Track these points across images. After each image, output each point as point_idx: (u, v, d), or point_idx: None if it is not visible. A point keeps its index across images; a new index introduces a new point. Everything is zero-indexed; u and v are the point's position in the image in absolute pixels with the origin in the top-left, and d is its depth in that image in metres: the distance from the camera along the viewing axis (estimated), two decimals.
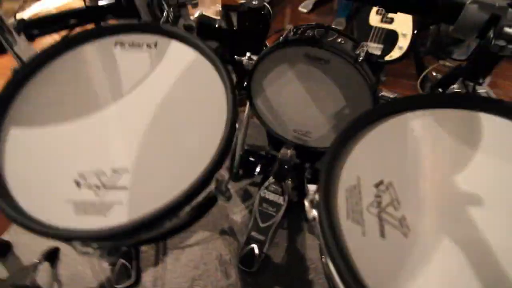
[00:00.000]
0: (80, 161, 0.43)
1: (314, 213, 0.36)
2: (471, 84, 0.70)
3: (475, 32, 0.61)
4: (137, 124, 0.46)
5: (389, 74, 1.93)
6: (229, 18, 1.22)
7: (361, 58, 0.74)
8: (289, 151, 1.09)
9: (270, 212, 1.12)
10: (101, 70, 0.53)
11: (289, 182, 1.17)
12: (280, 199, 1.14)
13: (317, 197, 0.36)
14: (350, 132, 0.40)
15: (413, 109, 0.43)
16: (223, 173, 0.42)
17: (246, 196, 1.33)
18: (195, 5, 0.85)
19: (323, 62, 0.80)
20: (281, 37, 0.86)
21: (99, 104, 0.49)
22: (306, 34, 0.83)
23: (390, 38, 1.65)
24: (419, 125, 0.42)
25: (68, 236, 0.39)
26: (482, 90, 0.69)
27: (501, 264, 0.30)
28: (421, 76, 1.83)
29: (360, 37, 1.70)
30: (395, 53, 1.73)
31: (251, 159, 1.33)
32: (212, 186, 0.43)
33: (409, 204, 0.35)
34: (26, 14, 0.87)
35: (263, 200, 1.14)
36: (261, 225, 1.11)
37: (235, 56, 1.06)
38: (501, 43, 0.60)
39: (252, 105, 1.02)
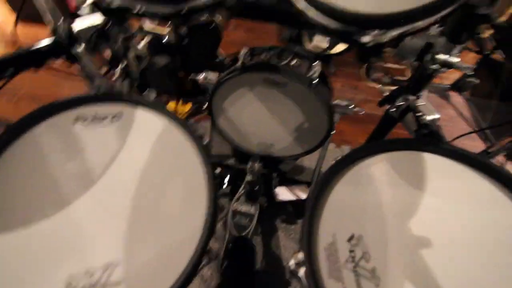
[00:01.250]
0: (65, 264, 0.39)
1: (301, 272, 0.40)
2: (412, 98, 0.79)
3: (413, 56, 0.68)
4: (116, 210, 0.43)
5: (337, 64, 2.04)
6: (178, 33, 1.18)
7: (315, 82, 0.78)
8: (256, 164, 1.12)
9: (244, 224, 1.16)
10: (64, 155, 0.47)
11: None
12: (252, 209, 1.18)
13: (300, 256, 0.40)
14: (320, 191, 0.44)
15: (370, 155, 0.48)
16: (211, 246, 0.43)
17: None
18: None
19: (280, 85, 0.83)
20: (238, 61, 0.87)
21: (70, 195, 0.44)
22: (262, 56, 0.85)
23: None
24: (377, 172, 0.48)
25: None
26: (420, 103, 0.79)
27: None
28: (365, 66, 1.96)
29: None
30: (341, 46, 1.82)
31: (219, 171, 1.35)
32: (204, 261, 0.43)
33: (377, 255, 0.40)
34: None
35: (236, 212, 1.17)
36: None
37: (191, 74, 1.04)
38: (435, 67, 0.68)
39: (215, 124, 1.02)
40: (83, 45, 0.41)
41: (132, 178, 0.45)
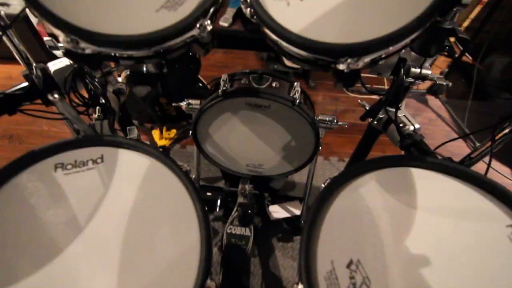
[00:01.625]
0: None
1: None
2: (391, 110, 0.82)
3: (388, 71, 0.71)
4: (108, 258, 0.41)
5: (315, 78, 2.08)
6: (157, 63, 1.18)
7: (298, 101, 0.80)
8: (247, 186, 1.12)
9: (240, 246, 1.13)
10: (48, 205, 0.44)
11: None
12: (246, 231, 1.17)
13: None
14: (313, 221, 0.44)
15: (357, 176, 0.49)
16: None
17: (213, 233, 1.32)
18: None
19: (263, 107, 0.84)
20: (219, 87, 0.87)
21: (59, 246, 0.42)
22: (242, 81, 0.86)
23: None
24: (367, 193, 0.48)
25: None
26: (401, 114, 0.81)
27: None
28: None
29: None
30: None
31: (209, 194, 1.33)
32: None
33: (377, 279, 0.40)
34: None
35: (231, 236, 1.15)
36: None
37: (173, 104, 1.04)
38: (410, 79, 0.71)
39: (201, 150, 1.01)
40: (55, 94, 0.40)
41: (121, 224, 0.43)
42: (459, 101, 1.88)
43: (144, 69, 1.21)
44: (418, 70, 0.69)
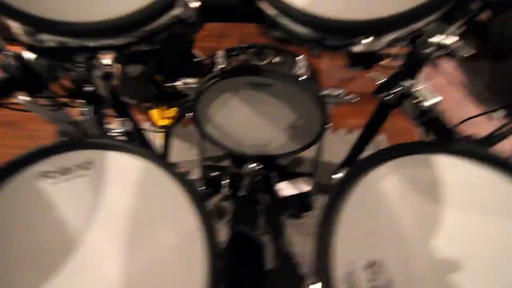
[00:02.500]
0: None
1: None
2: (408, 83, 0.74)
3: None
4: (108, 272, 0.38)
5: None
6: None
7: (302, 77, 0.72)
8: (252, 166, 1.08)
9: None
10: (37, 219, 0.40)
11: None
12: (255, 209, 1.15)
13: None
14: (328, 218, 0.39)
15: (376, 165, 0.44)
16: None
17: (221, 213, 1.32)
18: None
19: (265, 86, 0.77)
20: (215, 65, 0.80)
21: (55, 261, 0.39)
22: (241, 57, 0.78)
23: None
24: (386, 186, 0.43)
25: None
26: (418, 87, 0.73)
27: None
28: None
29: None
30: None
31: (215, 174, 1.30)
32: None
33: (402, 281, 0.36)
34: None
35: (239, 217, 1.14)
36: None
37: (167, 85, 0.97)
38: (429, 50, 0.62)
39: (203, 133, 0.96)
40: (23, 95, 0.34)
41: (119, 234, 0.39)
42: (475, 63, 1.75)
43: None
44: (439, 39, 0.60)
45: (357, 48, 0.30)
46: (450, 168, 0.44)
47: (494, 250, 0.38)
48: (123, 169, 0.43)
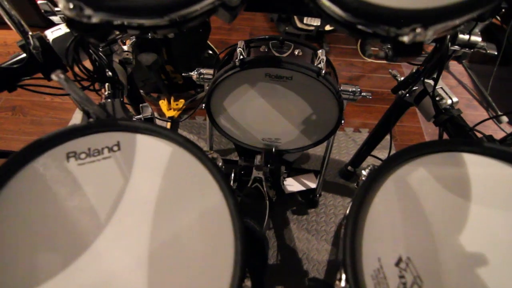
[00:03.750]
0: None
1: None
2: (428, 81, 0.74)
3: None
4: (136, 254, 0.38)
5: (330, 42, 1.95)
6: None
7: (323, 71, 0.72)
8: (262, 160, 1.08)
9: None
10: (65, 196, 0.40)
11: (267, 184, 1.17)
12: (261, 204, 1.15)
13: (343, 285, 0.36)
14: (357, 212, 0.39)
15: (404, 162, 0.44)
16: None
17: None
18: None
19: (285, 78, 0.76)
20: (234, 56, 0.79)
21: (83, 241, 0.39)
22: (261, 49, 0.78)
23: None
24: (414, 182, 0.43)
25: None
26: (438, 86, 0.73)
27: None
28: (359, 42, 1.89)
29: None
30: None
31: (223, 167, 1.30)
32: None
33: (429, 278, 0.37)
34: None
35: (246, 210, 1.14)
36: None
37: (183, 74, 0.97)
38: (456, 48, 0.62)
39: (215, 124, 0.96)
40: (60, 74, 0.33)
41: (146, 217, 0.39)
42: (484, 66, 1.76)
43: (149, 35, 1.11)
44: (466, 37, 0.60)
45: (406, 38, 0.30)
46: (478, 166, 0.45)
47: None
48: (153, 152, 0.43)
